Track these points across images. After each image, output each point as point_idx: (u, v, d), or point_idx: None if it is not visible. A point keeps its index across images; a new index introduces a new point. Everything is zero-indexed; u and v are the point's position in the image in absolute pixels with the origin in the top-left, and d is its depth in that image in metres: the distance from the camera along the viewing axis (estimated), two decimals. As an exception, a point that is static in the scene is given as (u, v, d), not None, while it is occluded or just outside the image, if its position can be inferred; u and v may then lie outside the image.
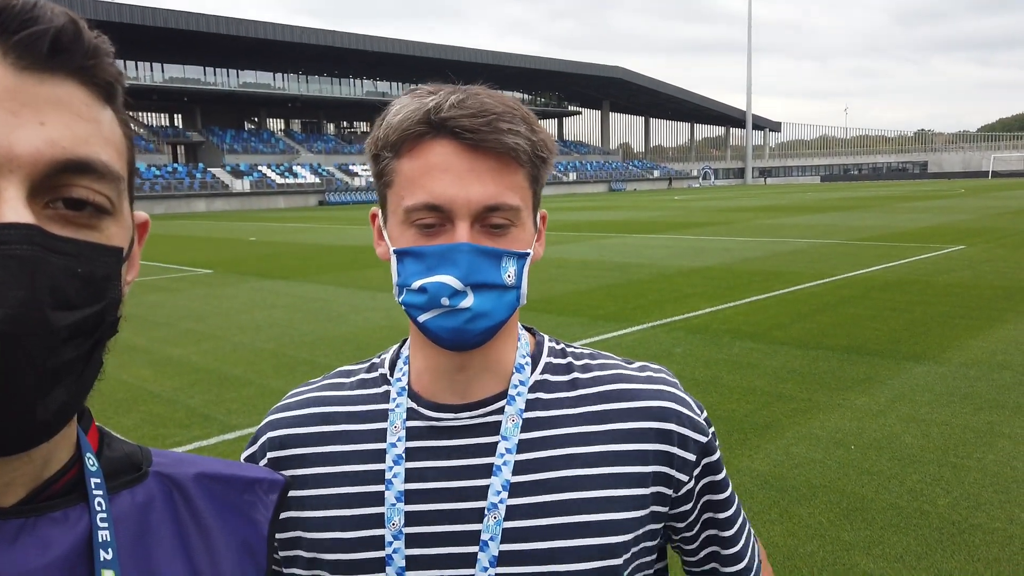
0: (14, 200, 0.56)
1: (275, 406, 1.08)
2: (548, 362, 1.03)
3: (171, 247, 23.02)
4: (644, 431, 0.98)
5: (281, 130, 79.61)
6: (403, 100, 0.91)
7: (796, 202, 40.28)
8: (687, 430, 0.99)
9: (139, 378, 7.66)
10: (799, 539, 4.02)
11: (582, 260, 16.61)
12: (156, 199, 53.16)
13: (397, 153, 0.90)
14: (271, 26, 60.83)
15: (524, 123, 0.89)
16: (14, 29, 0.58)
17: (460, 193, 0.87)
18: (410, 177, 0.89)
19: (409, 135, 0.88)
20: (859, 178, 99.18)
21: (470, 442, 0.97)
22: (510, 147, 0.87)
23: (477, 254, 0.88)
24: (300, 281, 14.64)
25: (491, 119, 0.86)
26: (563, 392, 1.00)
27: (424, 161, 0.88)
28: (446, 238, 0.88)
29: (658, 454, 0.97)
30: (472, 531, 0.93)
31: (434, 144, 0.88)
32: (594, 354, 1.08)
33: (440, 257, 0.87)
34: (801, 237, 20.23)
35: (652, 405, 0.99)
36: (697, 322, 9.55)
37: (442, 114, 0.86)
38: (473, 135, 0.86)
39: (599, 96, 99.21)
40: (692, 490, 1.00)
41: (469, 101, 0.87)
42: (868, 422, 5.73)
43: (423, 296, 0.88)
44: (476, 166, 0.87)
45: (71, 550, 0.64)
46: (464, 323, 0.89)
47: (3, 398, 0.55)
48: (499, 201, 0.88)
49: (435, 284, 0.87)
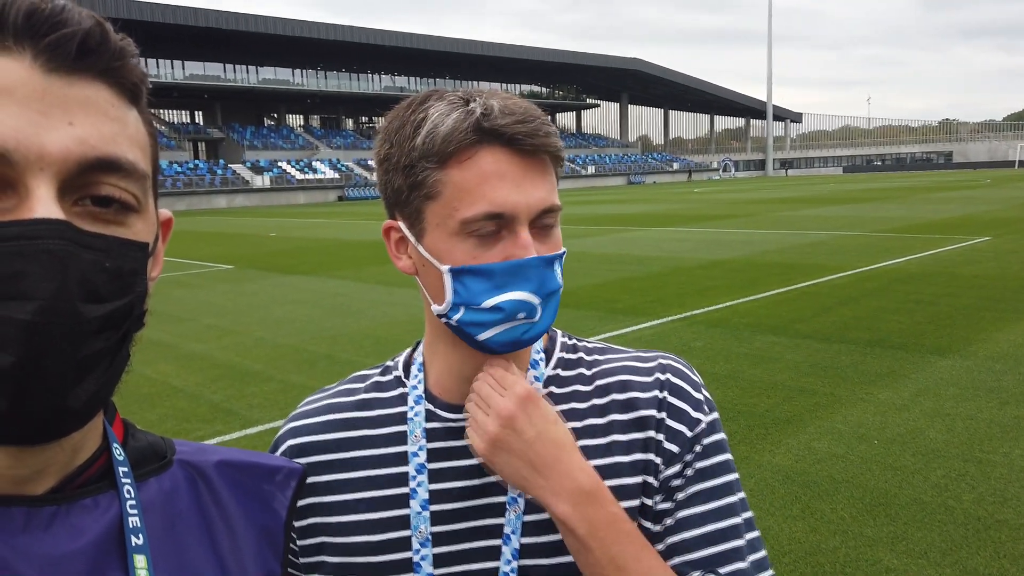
0: (45, 197, 0.58)
1: (293, 414, 1.08)
2: (560, 357, 1.04)
3: (193, 243, 23.26)
4: (642, 419, 0.96)
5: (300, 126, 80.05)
6: (440, 107, 0.88)
7: (818, 194, 39.89)
8: (674, 421, 0.95)
9: (163, 373, 7.76)
10: (821, 535, 4.00)
11: (600, 253, 16.57)
12: (178, 196, 53.70)
13: (444, 163, 0.87)
14: (290, 22, 61.16)
15: (550, 125, 0.91)
16: (44, 32, 0.59)
17: (521, 199, 0.87)
18: (464, 187, 0.86)
19: (462, 144, 0.86)
20: (882, 169, 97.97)
21: None
22: (557, 148, 0.90)
23: (545, 266, 0.90)
24: (320, 276, 14.73)
25: (538, 124, 0.88)
26: (573, 386, 1.01)
27: (478, 170, 0.86)
28: (504, 245, 0.88)
29: (648, 441, 0.94)
30: (495, 525, 0.95)
31: (484, 152, 0.86)
32: (605, 348, 1.07)
33: (511, 274, 0.88)
34: (823, 229, 20.03)
35: (644, 396, 0.98)
36: (717, 315, 9.50)
37: (494, 121, 0.85)
38: (531, 139, 0.87)
39: (617, 88, 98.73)
40: (680, 473, 0.93)
41: (513, 107, 0.88)
42: (891, 416, 5.67)
43: (497, 314, 0.88)
44: (529, 171, 0.88)
45: (102, 536, 0.67)
46: (528, 333, 0.91)
47: (36, 388, 0.57)
48: (551, 203, 0.90)
49: (511, 302, 0.88)
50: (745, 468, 4.82)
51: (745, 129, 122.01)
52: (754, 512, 1.01)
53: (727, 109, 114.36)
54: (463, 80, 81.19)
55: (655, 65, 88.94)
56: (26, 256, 0.56)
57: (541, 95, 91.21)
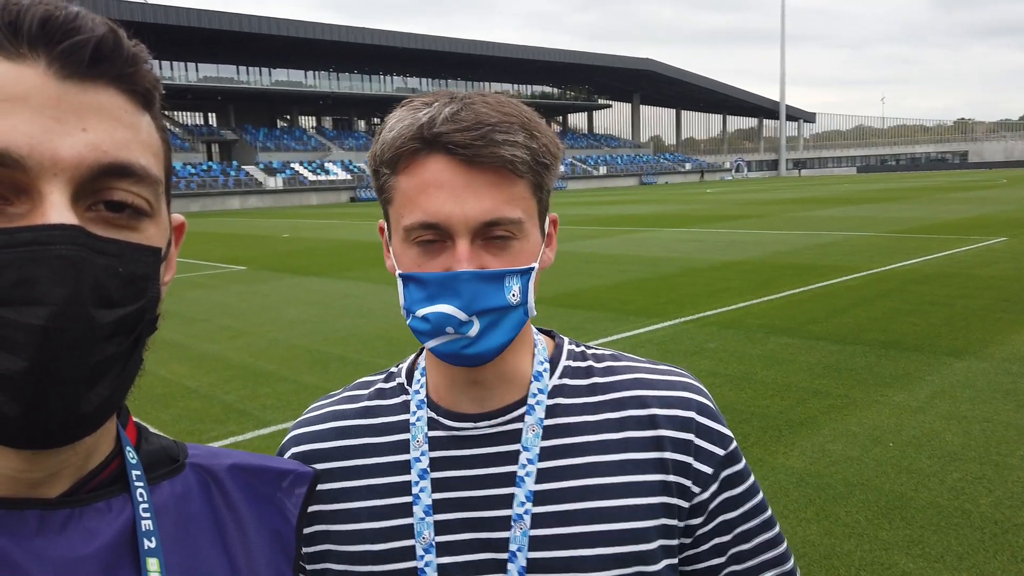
0: (59, 203, 0.59)
1: (298, 420, 1.08)
2: (567, 365, 1.02)
3: (207, 244, 23.40)
4: (663, 439, 0.95)
5: (313, 127, 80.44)
6: (398, 114, 0.89)
7: (831, 194, 39.66)
8: (705, 441, 0.96)
9: (177, 374, 7.80)
10: (836, 538, 3.97)
11: (612, 254, 16.55)
12: (191, 197, 54.06)
13: (394, 170, 0.88)
14: (302, 24, 61.44)
15: (523, 131, 0.86)
16: (58, 39, 0.60)
17: (456, 210, 0.84)
18: (407, 195, 0.87)
19: (404, 151, 0.86)
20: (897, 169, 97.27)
21: (491, 451, 0.96)
22: (507, 160, 0.84)
23: (478, 280, 0.85)
24: (332, 277, 14.79)
25: (485, 131, 0.83)
26: (582, 397, 0.99)
27: (420, 178, 0.85)
28: (447, 256, 0.86)
29: (676, 464, 0.95)
30: (500, 538, 0.93)
31: (428, 160, 0.85)
32: (616, 355, 1.05)
33: (441, 286, 0.85)
34: (837, 230, 19.91)
35: (671, 414, 0.97)
36: (730, 317, 9.46)
37: (435, 129, 0.83)
38: (466, 150, 0.83)
39: (629, 89, 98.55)
40: (705, 504, 0.96)
41: (463, 113, 0.84)
42: (907, 419, 5.62)
43: (427, 324, 0.87)
44: (472, 181, 0.84)
45: (116, 539, 0.67)
46: (469, 348, 0.87)
47: (49, 392, 0.57)
48: (497, 216, 0.85)
49: (437, 314, 0.86)
50: (759, 471, 4.79)
51: (758, 129, 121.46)
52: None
53: (740, 109, 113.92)
54: (474, 81, 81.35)
55: (667, 65, 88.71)
56: (39, 261, 0.56)
57: (552, 96, 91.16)
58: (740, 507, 0.98)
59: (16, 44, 0.59)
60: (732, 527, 0.98)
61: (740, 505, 0.98)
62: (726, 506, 0.97)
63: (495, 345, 0.88)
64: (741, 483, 0.99)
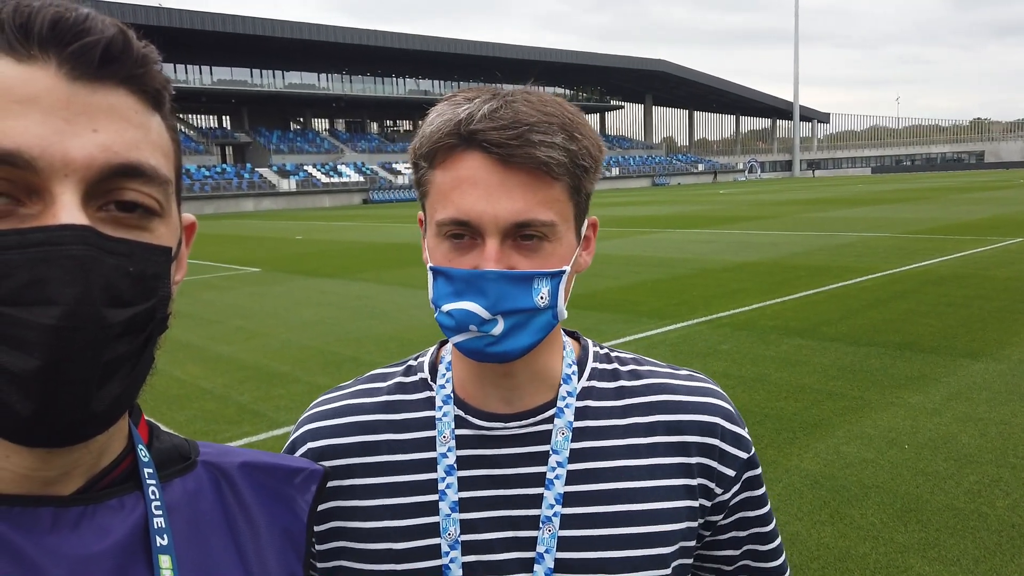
0: (70, 204, 0.59)
1: (310, 413, 1.05)
2: (594, 368, 1.02)
3: (221, 246, 23.54)
4: (689, 444, 0.98)
5: (326, 130, 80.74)
6: (440, 108, 0.89)
7: (846, 194, 39.41)
8: (730, 445, 0.99)
9: (191, 375, 7.85)
10: (851, 540, 3.93)
11: (625, 256, 16.50)
12: (206, 199, 54.40)
13: (431, 164, 0.88)
14: (316, 27, 61.72)
15: (562, 132, 0.85)
16: (68, 41, 0.60)
17: (488, 209, 0.83)
18: (442, 190, 0.87)
19: (441, 146, 0.86)
20: (912, 169, 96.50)
21: (521, 451, 0.96)
22: (541, 161, 0.83)
23: (505, 281, 0.84)
24: (345, 279, 14.83)
25: (522, 131, 0.82)
26: (610, 401, 1.00)
27: (454, 174, 0.86)
28: (476, 254, 0.86)
29: (701, 467, 0.98)
30: (526, 538, 0.93)
31: (464, 157, 0.85)
32: (639, 359, 1.06)
33: (467, 283, 0.85)
34: (851, 230, 19.78)
35: (698, 419, 0.99)
36: (743, 318, 9.41)
37: (472, 126, 0.83)
38: (500, 149, 0.82)
39: (641, 89, 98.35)
40: (726, 503, 1.00)
41: (502, 111, 0.83)
42: (922, 421, 5.57)
43: (451, 320, 0.87)
44: (506, 181, 0.83)
45: (128, 536, 0.67)
46: (493, 346, 0.87)
47: (61, 391, 0.58)
48: (529, 217, 0.84)
49: (461, 311, 0.85)
50: (772, 473, 4.77)
51: (771, 130, 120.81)
52: (782, 517, 0.99)
53: (753, 110, 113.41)
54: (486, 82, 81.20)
55: (680, 66, 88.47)
56: (51, 261, 0.57)
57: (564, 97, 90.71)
58: (757, 509, 1.02)
59: (27, 46, 0.59)
60: (750, 525, 1.02)
61: (757, 507, 1.02)
62: (746, 505, 1.01)
63: (521, 346, 0.87)
64: (759, 486, 1.03)
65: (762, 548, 1.04)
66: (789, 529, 4.03)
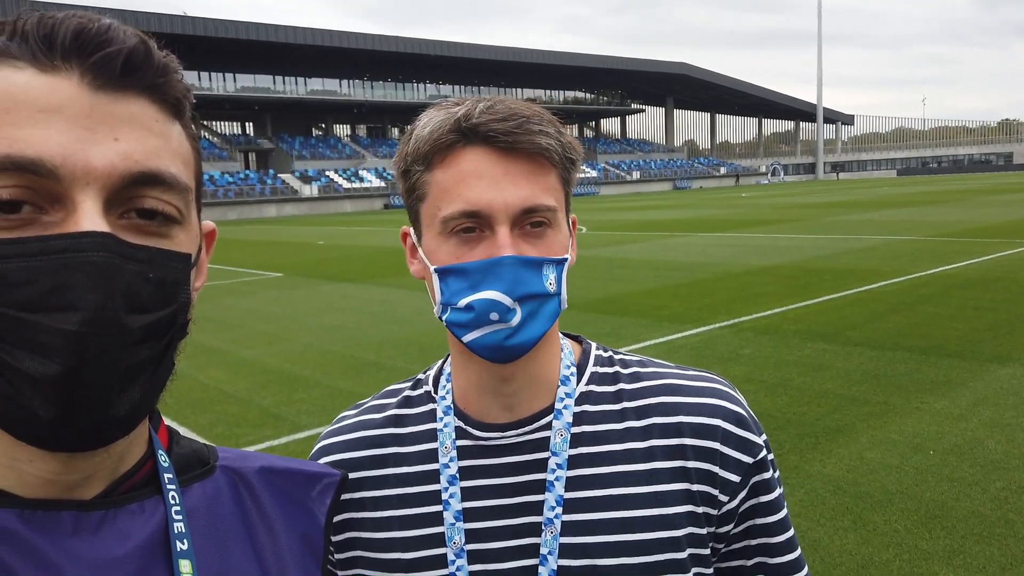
0: (91, 211, 0.60)
1: (326, 431, 1.09)
2: (594, 372, 1.01)
3: (244, 252, 23.77)
4: (686, 448, 0.95)
5: (347, 135, 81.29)
6: (430, 113, 0.91)
7: (871, 197, 38.96)
8: (731, 449, 0.95)
9: (214, 379, 7.93)
10: (874, 547, 3.89)
11: (646, 260, 16.44)
12: (229, 205, 54.95)
13: (429, 165, 0.90)
14: (337, 34, 62.22)
15: (552, 125, 0.90)
16: (90, 51, 0.61)
17: (497, 197, 0.86)
18: (444, 187, 0.88)
19: (441, 145, 0.88)
20: (938, 171, 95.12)
21: (520, 459, 0.96)
22: (543, 147, 0.87)
23: (521, 266, 0.86)
24: (366, 284, 14.92)
25: (521, 121, 0.86)
26: (608, 405, 0.99)
27: (457, 169, 0.88)
28: (487, 245, 0.87)
29: (700, 472, 0.94)
30: (531, 545, 0.94)
31: (466, 152, 0.88)
32: (645, 362, 1.04)
33: (484, 272, 0.86)
34: (876, 233, 19.55)
35: (695, 421, 0.96)
36: (766, 322, 9.33)
37: (473, 121, 0.86)
38: (507, 137, 0.86)
39: (662, 92, 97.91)
40: (735, 511, 0.96)
41: (497, 107, 0.88)
42: (948, 426, 5.49)
43: (470, 314, 0.87)
44: (510, 169, 0.87)
45: (149, 540, 0.68)
46: (511, 338, 0.87)
47: (82, 396, 0.59)
48: (536, 203, 0.87)
49: (483, 301, 0.86)
50: (795, 478, 4.72)
51: (794, 132, 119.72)
52: (804, 523, 0.97)
53: (776, 112, 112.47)
54: (506, 87, 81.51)
55: (701, 68, 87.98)
56: (72, 268, 0.58)
57: (585, 101, 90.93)
58: (769, 516, 0.98)
59: (50, 56, 0.61)
60: (761, 533, 0.98)
61: (769, 514, 0.98)
62: (756, 512, 0.97)
63: (535, 335, 0.89)
64: (770, 491, 0.98)
65: (772, 561, 0.99)
66: (811, 535, 3.99)
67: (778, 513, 0.99)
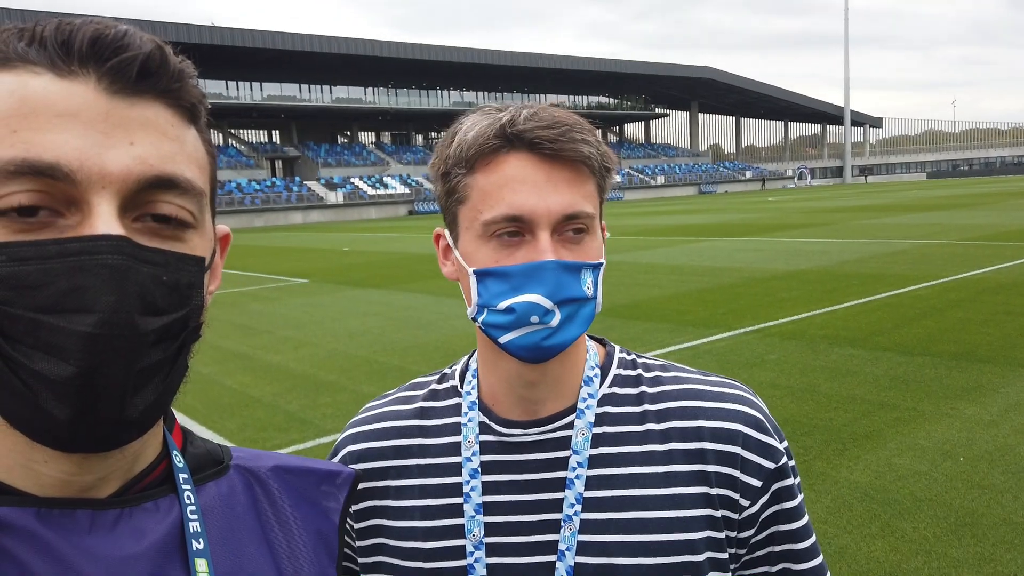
0: (107, 214, 0.61)
1: (352, 420, 1.11)
2: (617, 374, 1.03)
3: (271, 258, 24.01)
4: (706, 452, 0.96)
5: (372, 143, 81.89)
6: (473, 118, 0.93)
7: (900, 201, 38.40)
8: (752, 454, 0.96)
9: (242, 384, 8.02)
10: (903, 555, 3.82)
11: (671, 265, 16.35)
12: (256, 212, 55.58)
13: (471, 168, 0.91)
14: (361, 42, 62.73)
15: (592, 135, 0.92)
16: (107, 57, 0.63)
17: (540, 203, 0.88)
18: (487, 191, 0.90)
19: (485, 149, 0.90)
20: (970, 174, 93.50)
21: (541, 456, 0.98)
22: (585, 156, 0.89)
23: (562, 271, 0.88)
24: (391, 289, 14.99)
25: (565, 130, 0.88)
26: (630, 407, 1.00)
27: (501, 174, 0.89)
28: (527, 249, 0.89)
29: (720, 476, 0.95)
30: (549, 541, 0.95)
31: (510, 157, 0.89)
32: (667, 366, 1.05)
33: (526, 276, 0.88)
34: (905, 237, 19.26)
35: (716, 426, 0.97)
36: (792, 328, 9.23)
37: (518, 127, 0.88)
38: (552, 144, 0.88)
39: (687, 97, 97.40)
40: (756, 516, 0.96)
41: (541, 114, 0.89)
42: (979, 433, 5.39)
43: (510, 316, 0.89)
44: (553, 176, 0.89)
45: (164, 538, 0.69)
46: (550, 339, 0.89)
47: (96, 397, 0.59)
48: (577, 209, 0.89)
49: (524, 304, 0.88)
50: (822, 484, 4.66)
51: (821, 135, 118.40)
52: (831, 530, 0.95)
53: (802, 115, 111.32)
54: (531, 93, 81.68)
55: (726, 72, 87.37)
56: (87, 270, 0.59)
57: (609, 106, 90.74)
58: (791, 523, 0.98)
59: (68, 62, 0.62)
60: (783, 540, 0.98)
61: (791, 521, 0.98)
62: (779, 518, 0.97)
63: (571, 337, 0.91)
64: (792, 498, 0.98)
65: (797, 568, 0.98)
66: (838, 543, 3.93)
67: (801, 519, 0.99)
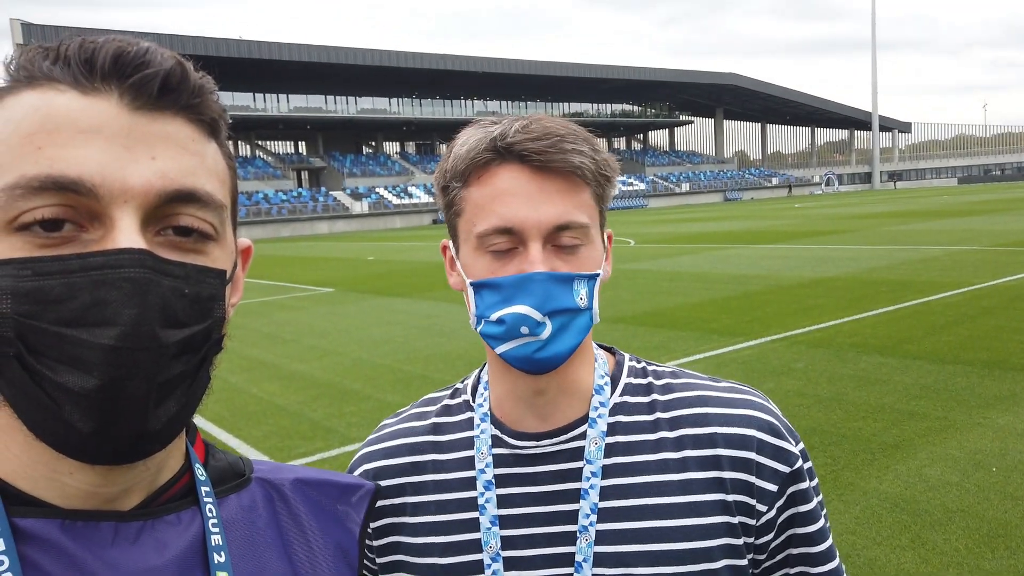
0: (128, 228, 0.62)
1: (367, 439, 1.12)
2: (628, 383, 1.03)
3: (297, 268, 24.24)
4: (721, 458, 0.95)
5: (396, 153, 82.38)
6: (468, 131, 0.94)
7: (930, 206, 37.83)
8: (767, 459, 0.96)
9: (268, 392, 8.09)
10: (933, 566, 3.75)
11: (696, 272, 16.23)
12: (283, 222, 56.16)
13: (465, 182, 0.92)
14: (385, 53, 63.26)
15: (587, 143, 0.91)
16: (128, 73, 0.64)
17: (531, 214, 0.88)
18: (480, 203, 0.91)
19: (477, 162, 0.91)
20: (1002, 179, 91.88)
21: (555, 468, 0.98)
22: (576, 166, 0.89)
23: (552, 282, 0.89)
24: (415, 298, 15.05)
25: (555, 140, 0.89)
26: (642, 415, 1.00)
27: (492, 187, 0.90)
28: (519, 261, 0.89)
29: (736, 482, 0.95)
30: (565, 553, 0.95)
31: (501, 169, 0.90)
32: (677, 372, 1.05)
33: (516, 288, 0.89)
34: (935, 244, 18.96)
35: (729, 432, 0.97)
36: (820, 336, 9.12)
37: (508, 139, 0.89)
38: (540, 156, 0.88)
39: (712, 104, 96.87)
40: (773, 521, 0.96)
41: (532, 126, 0.90)
42: (1012, 443, 5.28)
43: (501, 327, 0.90)
44: (544, 187, 0.89)
45: (186, 550, 0.70)
46: (541, 351, 0.90)
47: (119, 410, 0.60)
48: (568, 220, 0.89)
49: (513, 315, 0.89)
50: (850, 495, 4.59)
51: (849, 141, 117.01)
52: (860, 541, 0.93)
53: (829, 121, 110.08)
54: (553, 102, 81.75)
55: (751, 79, 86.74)
56: (110, 284, 0.60)
57: (632, 113, 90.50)
58: (807, 526, 0.97)
59: (90, 79, 0.64)
60: (800, 543, 0.98)
61: (807, 524, 0.97)
62: (795, 521, 0.97)
63: (565, 349, 0.91)
64: (808, 501, 0.98)
65: (814, 571, 0.99)
66: (867, 554, 3.86)
67: (817, 522, 0.98)
